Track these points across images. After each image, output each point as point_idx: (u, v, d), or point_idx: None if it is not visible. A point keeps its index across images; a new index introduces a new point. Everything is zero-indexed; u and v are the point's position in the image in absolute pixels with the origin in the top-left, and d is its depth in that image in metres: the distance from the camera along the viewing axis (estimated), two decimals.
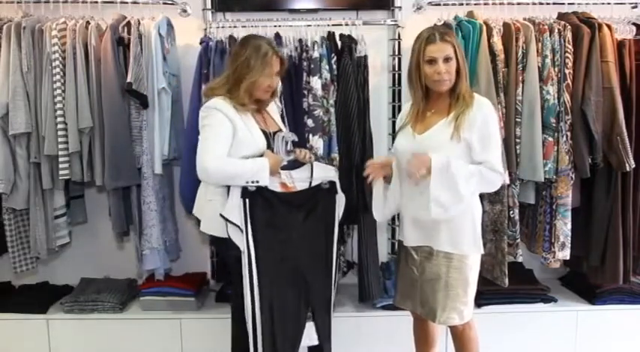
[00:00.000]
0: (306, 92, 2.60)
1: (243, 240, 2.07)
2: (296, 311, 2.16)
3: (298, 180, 2.18)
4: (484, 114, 2.04)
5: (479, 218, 2.13)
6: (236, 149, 2.07)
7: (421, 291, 2.16)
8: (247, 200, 2.06)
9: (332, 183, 2.22)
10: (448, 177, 1.99)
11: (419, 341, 2.38)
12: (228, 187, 2.08)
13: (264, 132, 2.16)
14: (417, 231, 2.15)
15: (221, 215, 2.06)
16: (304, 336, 2.18)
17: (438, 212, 2.02)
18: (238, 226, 2.06)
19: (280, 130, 2.25)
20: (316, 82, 2.58)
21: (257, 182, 2.05)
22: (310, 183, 2.20)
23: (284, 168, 2.17)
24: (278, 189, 2.13)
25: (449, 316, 2.10)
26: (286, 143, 2.20)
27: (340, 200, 2.25)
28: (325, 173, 2.24)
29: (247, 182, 2.05)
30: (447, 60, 2.04)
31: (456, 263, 2.08)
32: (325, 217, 2.21)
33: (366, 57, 2.66)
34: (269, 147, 2.15)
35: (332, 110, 2.61)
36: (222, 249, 2.15)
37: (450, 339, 2.32)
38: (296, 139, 2.24)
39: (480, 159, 2.04)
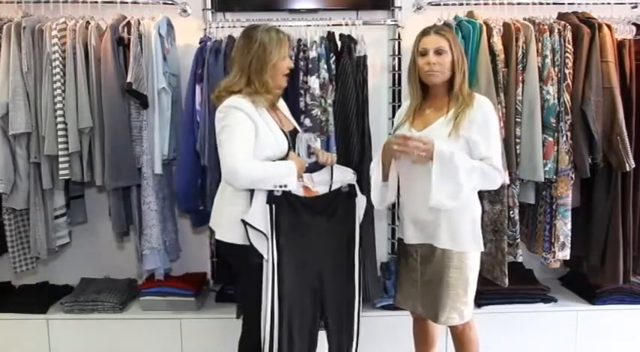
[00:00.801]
0: (303, 92, 2.60)
1: (267, 247, 2.00)
2: (313, 318, 2.11)
3: (319, 184, 2.12)
4: (484, 113, 2.05)
5: (478, 216, 2.13)
6: (258, 149, 1.98)
7: (421, 291, 2.16)
8: (273, 206, 1.99)
9: (351, 186, 2.16)
10: (451, 167, 1.97)
11: (419, 341, 2.38)
12: (251, 192, 2.00)
13: (282, 131, 2.09)
14: (417, 229, 2.15)
15: (242, 221, 1.97)
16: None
17: (437, 200, 1.99)
18: (262, 232, 1.99)
19: (295, 129, 2.20)
20: (314, 82, 2.57)
21: (285, 186, 1.97)
22: (330, 186, 2.14)
23: (304, 170, 2.11)
24: (301, 193, 2.06)
25: (449, 316, 2.10)
26: (308, 145, 2.14)
27: (360, 202, 2.18)
28: (344, 176, 2.17)
29: (275, 186, 1.97)
30: (438, 52, 2.06)
31: (456, 262, 2.07)
32: (345, 221, 2.14)
33: (365, 57, 2.65)
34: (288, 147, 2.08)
35: (330, 110, 2.60)
36: (240, 256, 2.05)
37: (450, 339, 2.32)
38: (318, 141, 2.19)
39: (481, 157, 2.04)
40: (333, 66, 2.63)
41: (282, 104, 2.25)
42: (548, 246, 2.67)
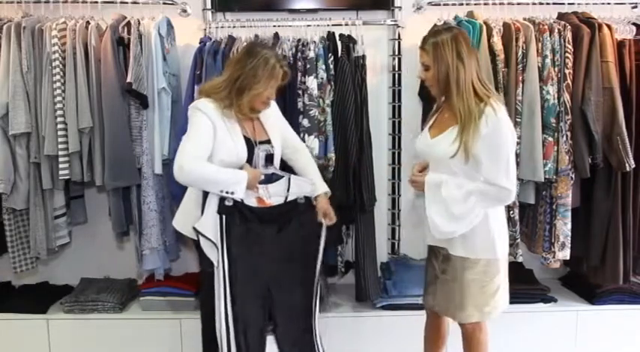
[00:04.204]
0: (301, 92, 2.59)
1: (217, 256, 2.04)
2: (262, 326, 2.12)
3: (275, 195, 2.14)
4: (491, 127, 1.94)
5: (495, 224, 2.06)
6: (214, 150, 2.04)
7: (440, 289, 2.16)
8: (224, 216, 2.03)
9: (307, 199, 2.19)
10: (439, 198, 2.01)
11: (429, 340, 2.37)
12: (204, 201, 2.05)
13: (248, 140, 2.11)
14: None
15: (194, 229, 2.04)
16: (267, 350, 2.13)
17: (435, 232, 2.05)
18: (212, 242, 2.04)
19: (268, 141, 2.19)
20: (312, 82, 2.56)
21: (232, 193, 2.00)
22: (286, 198, 2.16)
23: (260, 181, 2.13)
24: (254, 203, 2.10)
25: (468, 314, 2.11)
26: (265, 156, 2.15)
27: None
28: (301, 188, 2.19)
29: (222, 191, 2.00)
30: (424, 67, 2.08)
31: (471, 264, 2.07)
32: (302, 232, 2.16)
33: (364, 57, 2.65)
34: (250, 155, 2.11)
35: (328, 110, 2.60)
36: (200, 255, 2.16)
37: (454, 341, 2.30)
38: (273, 152, 2.18)
39: (483, 177, 1.98)
40: (332, 66, 2.62)
41: (268, 113, 2.23)
42: (548, 246, 2.67)
